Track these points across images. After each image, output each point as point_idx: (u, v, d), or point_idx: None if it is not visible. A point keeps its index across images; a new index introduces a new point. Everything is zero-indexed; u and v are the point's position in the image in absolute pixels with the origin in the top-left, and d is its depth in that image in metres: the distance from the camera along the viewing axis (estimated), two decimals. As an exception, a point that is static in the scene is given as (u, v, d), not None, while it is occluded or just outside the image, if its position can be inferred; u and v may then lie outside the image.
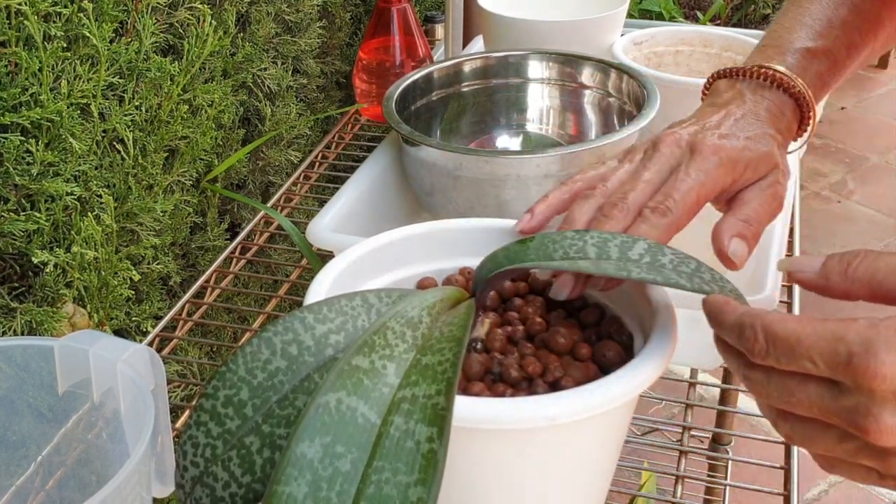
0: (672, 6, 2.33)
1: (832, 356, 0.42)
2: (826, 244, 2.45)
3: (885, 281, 0.44)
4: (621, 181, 0.60)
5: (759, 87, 0.65)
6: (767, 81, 0.65)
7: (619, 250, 0.52)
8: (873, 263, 0.45)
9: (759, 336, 0.44)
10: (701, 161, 0.59)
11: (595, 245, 0.53)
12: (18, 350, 0.60)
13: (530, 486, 0.51)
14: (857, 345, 0.42)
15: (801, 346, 0.43)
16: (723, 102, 0.65)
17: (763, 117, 0.63)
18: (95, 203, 0.81)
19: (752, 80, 0.65)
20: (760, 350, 0.44)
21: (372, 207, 0.91)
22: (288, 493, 0.41)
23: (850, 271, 0.45)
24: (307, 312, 0.50)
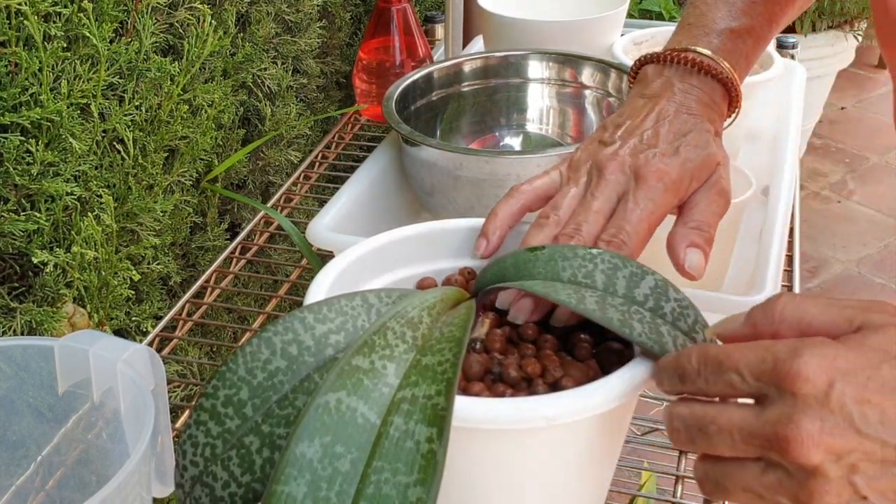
0: (672, 6, 2.33)
1: (758, 364, 0.42)
2: (826, 244, 2.45)
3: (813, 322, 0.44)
4: (572, 209, 0.61)
5: (687, 73, 0.65)
6: (695, 69, 0.65)
7: (627, 285, 0.52)
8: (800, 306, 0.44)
9: (693, 358, 0.45)
10: (647, 189, 0.59)
11: (604, 272, 0.52)
12: (18, 350, 0.60)
13: (530, 486, 0.51)
14: (784, 352, 0.42)
15: (729, 359, 0.43)
16: (652, 94, 0.65)
17: (695, 110, 0.63)
18: (95, 203, 0.81)
19: (679, 66, 0.65)
20: (692, 371, 0.44)
21: (372, 207, 0.91)
22: (287, 492, 0.41)
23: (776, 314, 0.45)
24: (307, 312, 0.50)
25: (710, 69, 0.64)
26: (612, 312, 0.49)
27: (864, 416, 0.40)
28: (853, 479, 0.40)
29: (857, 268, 2.36)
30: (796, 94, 1.09)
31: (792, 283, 0.89)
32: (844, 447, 0.40)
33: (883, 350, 0.41)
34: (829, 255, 2.42)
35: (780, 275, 0.77)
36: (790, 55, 1.26)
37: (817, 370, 0.41)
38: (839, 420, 0.40)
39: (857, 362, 0.41)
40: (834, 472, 0.40)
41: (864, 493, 0.40)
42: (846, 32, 2.65)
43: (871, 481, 0.40)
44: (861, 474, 0.40)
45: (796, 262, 0.92)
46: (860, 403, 0.40)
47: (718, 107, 0.65)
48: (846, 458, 0.40)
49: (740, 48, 0.67)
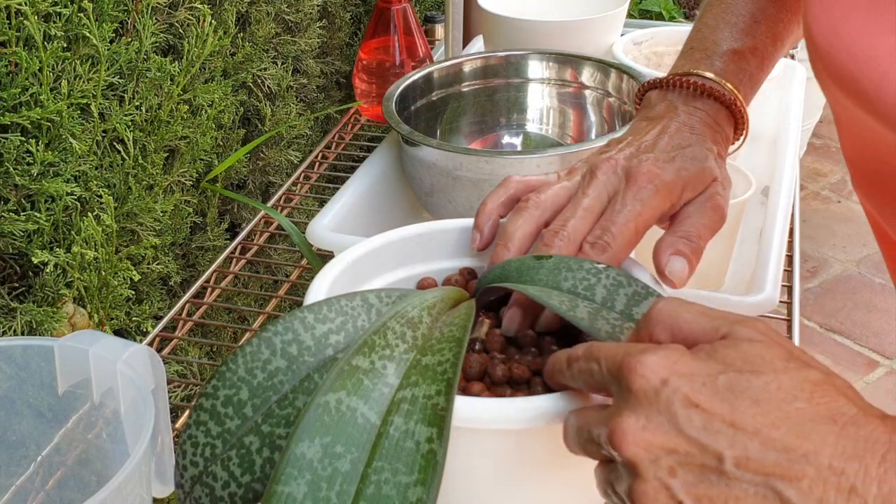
0: (672, 6, 2.33)
1: (612, 357, 0.43)
2: (826, 244, 2.45)
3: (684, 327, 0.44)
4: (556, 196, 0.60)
5: (691, 97, 0.64)
6: (698, 92, 0.64)
7: (627, 302, 0.52)
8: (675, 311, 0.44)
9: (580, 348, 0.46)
10: (637, 190, 0.58)
11: (606, 287, 0.52)
12: (18, 350, 0.60)
13: (530, 486, 0.51)
14: (635, 350, 0.42)
15: (598, 350, 0.44)
16: (655, 116, 0.64)
17: (698, 130, 0.62)
18: (95, 203, 0.81)
19: (682, 90, 0.65)
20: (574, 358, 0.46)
21: (372, 207, 0.91)
22: (287, 492, 0.41)
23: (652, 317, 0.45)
24: (307, 312, 0.50)
25: (713, 92, 0.64)
26: (602, 324, 0.49)
27: (689, 419, 0.40)
28: (670, 482, 0.39)
29: (856, 268, 2.36)
30: (796, 94, 1.09)
31: (792, 283, 0.89)
32: (664, 446, 0.40)
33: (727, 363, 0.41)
34: (829, 255, 2.42)
35: (780, 275, 0.77)
36: (790, 55, 1.26)
37: (654, 368, 0.41)
38: (663, 420, 0.40)
39: (696, 368, 0.41)
40: (651, 472, 0.40)
41: (679, 498, 0.39)
42: (846, 32, 2.64)
43: (689, 487, 0.39)
44: (678, 479, 0.39)
45: (796, 262, 0.92)
46: (687, 406, 0.40)
47: (723, 130, 0.64)
48: (665, 458, 0.40)
49: (744, 69, 0.66)
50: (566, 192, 0.60)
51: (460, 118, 1.02)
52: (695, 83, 0.64)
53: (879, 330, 2.14)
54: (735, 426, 0.39)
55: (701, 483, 0.39)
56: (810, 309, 2.20)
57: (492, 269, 0.57)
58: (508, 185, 0.63)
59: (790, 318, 0.84)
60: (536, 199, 0.60)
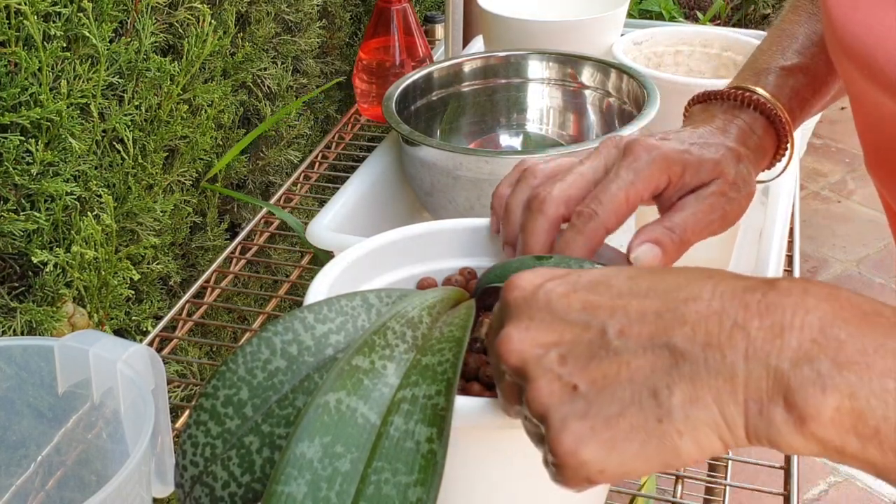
0: (672, 6, 2.33)
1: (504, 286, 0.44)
2: (826, 244, 2.45)
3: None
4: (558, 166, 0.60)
5: (732, 107, 0.64)
6: (738, 102, 0.63)
7: None
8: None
9: None
10: (632, 160, 0.57)
11: None
12: (18, 350, 0.60)
13: (531, 486, 0.51)
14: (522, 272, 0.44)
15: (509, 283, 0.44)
16: (692, 123, 0.64)
17: (730, 132, 0.61)
18: (95, 203, 0.81)
19: (724, 101, 0.64)
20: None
21: (372, 207, 0.91)
22: (287, 492, 0.41)
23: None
24: (307, 312, 0.50)
25: (755, 102, 0.63)
26: None
27: (569, 305, 0.40)
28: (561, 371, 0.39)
29: (857, 268, 2.36)
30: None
31: (792, 283, 0.89)
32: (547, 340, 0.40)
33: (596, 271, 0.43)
34: (829, 255, 2.42)
35: (780, 275, 0.77)
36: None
37: (529, 277, 0.43)
38: (543, 315, 0.41)
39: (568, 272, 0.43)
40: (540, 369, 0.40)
41: (574, 383, 0.39)
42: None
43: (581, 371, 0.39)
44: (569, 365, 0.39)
45: (796, 262, 0.92)
46: (566, 297, 0.41)
47: (759, 139, 0.63)
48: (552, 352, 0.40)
49: (789, 83, 0.65)
50: (569, 163, 0.60)
51: (460, 118, 1.02)
52: (736, 94, 0.63)
53: (879, 330, 2.14)
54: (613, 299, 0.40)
55: (591, 362, 0.39)
56: (810, 309, 2.20)
57: (491, 269, 0.57)
58: (521, 166, 0.62)
59: (790, 318, 0.84)
60: (534, 168, 0.60)
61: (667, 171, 0.57)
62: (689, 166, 0.58)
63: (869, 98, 0.54)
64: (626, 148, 0.58)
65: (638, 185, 0.56)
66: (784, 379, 0.35)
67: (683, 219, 0.57)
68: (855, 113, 0.58)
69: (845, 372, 0.35)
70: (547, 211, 0.56)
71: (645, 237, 0.56)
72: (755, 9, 2.79)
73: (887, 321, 0.36)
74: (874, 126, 0.57)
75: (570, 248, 0.55)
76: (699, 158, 0.58)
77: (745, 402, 0.36)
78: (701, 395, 0.37)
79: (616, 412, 0.38)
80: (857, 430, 0.35)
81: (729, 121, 0.63)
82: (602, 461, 0.38)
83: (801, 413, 0.35)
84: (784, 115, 0.63)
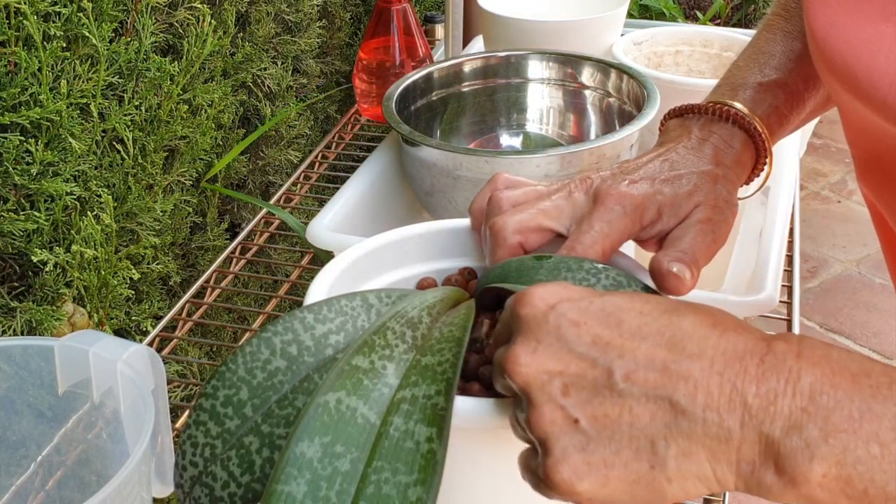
0: (672, 5, 2.33)
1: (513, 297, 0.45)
2: (826, 244, 2.45)
3: None
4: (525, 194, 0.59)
5: (708, 122, 0.63)
6: (716, 116, 0.63)
7: None
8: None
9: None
10: (603, 212, 0.57)
11: (605, 287, 0.52)
12: (18, 350, 0.60)
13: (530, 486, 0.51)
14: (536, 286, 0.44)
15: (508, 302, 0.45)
16: (667, 140, 0.63)
17: (704, 152, 0.61)
18: (95, 203, 0.81)
19: (701, 116, 0.63)
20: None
21: (372, 207, 0.91)
22: (287, 492, 0.41)
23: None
24: (307, 312, 0.50)
25: (730, 115, 0.62)
26: None
27: (578, 336, 0.41)
28: (564, 402, 0.41)
29: (857, 268, 2.36)
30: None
31: (792, 283, 0.89)
32: (555, 368, 0.41)
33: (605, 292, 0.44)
34: (829, 255, 2.42)
35: (780, 275, 0.77)
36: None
37: (542, 295, 0.43)
38: (553, 341, 0.41)
39: (582, 293, 0.43)
40: (545, 395, 0.41)
41: (575, 416, 0.40)
42: (846, 32, 2.64)
43: (583, 405, 0.40)
44: (572, 398, 0.41)
45: (796, 262, 0.92)
46: (576, 325, 0.41)
47: (737, 153, 0.62)
48: (557, 379, 0.41)
49: (767, 99, 0.64)
50: (535, 194, 0.59)
51: (460, 118, 1.02)
52: (713, 108, 0.63)
53: (879, 330, 2.14)
54: (622, 337, 0.41)
55: (594, 399, 0.40)
56: (810, 309, 2.20)
57: (491, 270, 0.57)
58: (494, 183, 0.62)
59: (790, 318, 0.85)
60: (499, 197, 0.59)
61: (639, 220, 0.57)
62: (665, 207, 0.58)
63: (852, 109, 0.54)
64: (595, 196, 0.58)
65: (612, 236, 0.57)
66: (775, 446, 0.38)
67: (688, 244, 0.57)
68: (844, 125, 0.59)
69: (831, 440, 0.37)
70: (505, 241, 0.57)
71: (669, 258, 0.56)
72: (755, 9, 2.80)
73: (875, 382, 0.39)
74: (860, 137, 0.57)
75: None
76: (672, 197, 0.58)
77: (737, 462, 0.39)
78: (695, 452, 0.39)
79: (613, 452, 0.40)
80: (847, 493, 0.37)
81: (705, 138, 0.62)
82: (592, 493, 0.40)
83: (791, 478, 0.38)
84: (763, 129, 0.63)
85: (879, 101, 0.49)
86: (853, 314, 2.19)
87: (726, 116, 0.63)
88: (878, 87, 0.48)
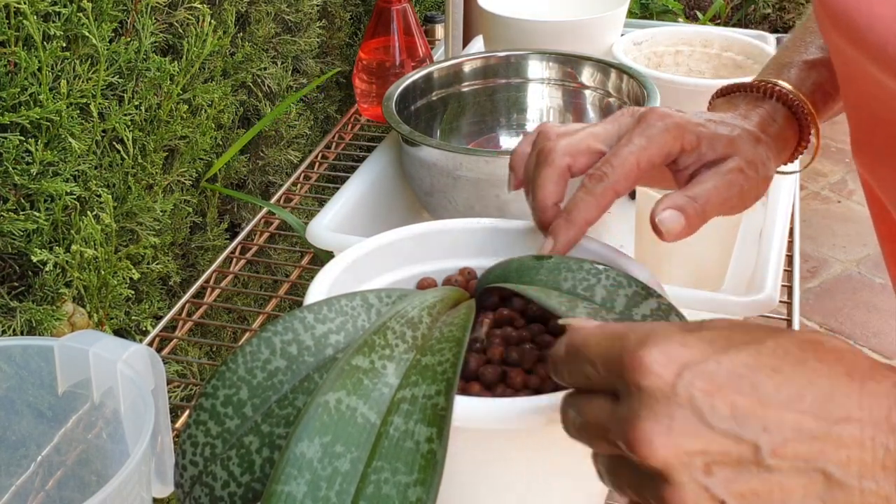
0: (674, 3, 2.33)
1: (608, 354, 0.40)
2: (826, 244, 2.45)
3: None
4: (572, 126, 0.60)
5: (755, 98, 0.64)
6: (760, 93, 0.64)
7: (627, 303, 0.51)
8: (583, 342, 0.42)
9: (562, 346, 0.42)
10: (645, 127, 0.57)
11: (605, 287, 0.52)
12: (18, 350, 0.60)
13: (530, 486, 0.51)
14: (634, 341, 0.39)
15: (586, 348, 0.41)
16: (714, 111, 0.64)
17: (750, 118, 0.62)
18: (95, 203, 0.81)
19: (747, 93, 0.65)
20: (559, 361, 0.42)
21: (372, 207, 0.91)
22: (287, 491, 0.41)
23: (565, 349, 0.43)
24: (307, 312, 0.50)
25: (776, 92, 0.63)
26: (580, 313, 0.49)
27: (714, 409, 0.37)
28: (707, 482, 0.37)
29: (856, 268, 2.36)
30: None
31: (792, 283, 0.89)
32: (695, 446, 0.37)
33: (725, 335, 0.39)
34: (829, 255, 2.42)
35: (780, 275, 0.77)
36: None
37: (663, 360, 0.38)
38: (688, 415, 0.37)
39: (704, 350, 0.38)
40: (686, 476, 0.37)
41: (721, 498, 0.37)
42: (846, 32, 2.64)
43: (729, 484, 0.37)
44: (716, 477, 0.37)
45: (796, 262, 0.92)
46: (710, 395, 0.37)
47: (779, 127, 0.63)
48: (699, 458, 0.37)
49: (812, 77, 0.65)
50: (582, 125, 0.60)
51: (460, 118, 1.02)
52: (759, 86, 0.64)
53: (879, 330, 2.14)
54: (763, 406, 0.37)
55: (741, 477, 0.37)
56: (810, 309, 2.20)
57: (492, 269, 0.57)
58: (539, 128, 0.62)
59: (790, 318, 0.84)
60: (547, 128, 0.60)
61: (680, 138, 0.57)
62: (704, 138, 0.58)
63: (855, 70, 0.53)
64: (640, 116, 0.58)
65: (650, 149, 0.56)
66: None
67: (705, 190, 0.57)
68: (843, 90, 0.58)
69: None
70: (553, 161, 0.57)
71: (668, 204, 0.56)
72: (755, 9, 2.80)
73: None
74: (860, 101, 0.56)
75: (580, 208, 0.56)
76: (714, 132, 0.58)
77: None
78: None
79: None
80: None
81: (750, 109, 0.63)
82: None
83: None
84: (807, 105, 0.64)
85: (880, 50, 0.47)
86: (853, 314, 2.19)
87: (770, 93, 0.64)
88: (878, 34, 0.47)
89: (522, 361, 0.53)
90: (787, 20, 2.77)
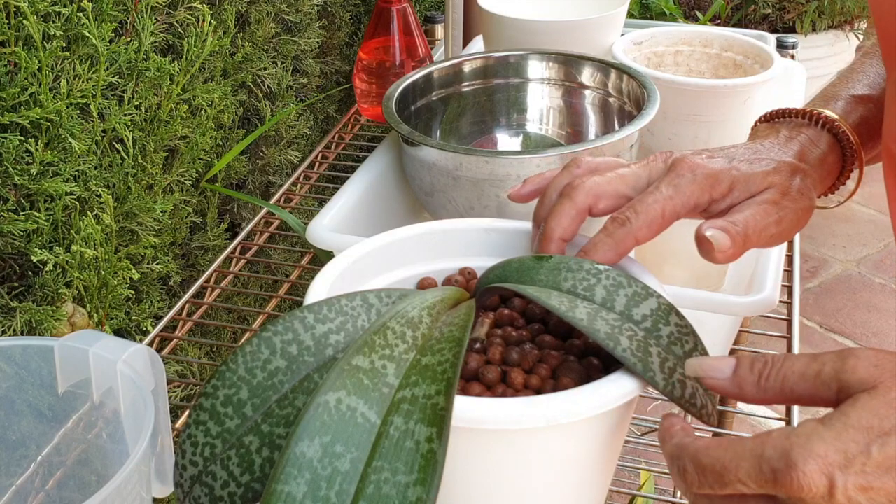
0: (672, 6, 2.33)
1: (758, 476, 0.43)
2: (826, 244, 2.45)
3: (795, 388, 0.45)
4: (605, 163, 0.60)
5: (797, 125, 0.64)
6: (805, 119, 0.64)
7: (627, 303, 0.51)
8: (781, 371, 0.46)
9: (689, 468, 0.45)
10: (674, 177, 0.57)
11: (605, 288, 0.52)
12: (18, 350, 0.60)
13: (530, 486, 0.51)
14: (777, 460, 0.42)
15: (727, 472, 0.44)
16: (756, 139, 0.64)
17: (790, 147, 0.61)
18: (95, 203, 0.81)
19: (791, 118, 0.64)
20: (693, 482, 0.45)
21: (372, 207, 0.91)
22: (287, 491, 0.41)
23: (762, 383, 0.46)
24: (307, 312, 0.50)
25: (816, 117, 0.63)
26: (601, 325, 0.49)
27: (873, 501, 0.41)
28: None
29: (857, 268, 2.36)
30: (796, 95, 1.09)
31: (792, 283, 0.89)
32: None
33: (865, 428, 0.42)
34: (829, 255, 2.42)
35: (780, 275, 0.77)
36: (790, 55, 1.26)
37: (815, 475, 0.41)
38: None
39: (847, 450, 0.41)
40: None
41: None
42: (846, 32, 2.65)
43: None
44: None
45: (796, 262, 0.92)
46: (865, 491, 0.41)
47: (822, 153, 0.62)
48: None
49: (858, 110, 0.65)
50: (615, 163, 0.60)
51: (460, 118, 1.02)
52: (804, 112, 0.64)
53: (879, 330, 2.14)
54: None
55: None
56: (810, 309, 2.20)
57: (492, 269, 0.57)
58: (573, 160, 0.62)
59: (790, 318, 0.85)
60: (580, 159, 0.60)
61: (709, 189, 0.57)
62: (738, 182, 0.58)
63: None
64: (672, 164, 0.58)
65: (676, 200, 0.57)
66: None
67: (744, 218, 0.57)
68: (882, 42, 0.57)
69: None
70: (575, 198, 0.57)
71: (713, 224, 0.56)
72: (755, 9, 2.80)
73: None
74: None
75: (597, 250, 0.56)
76: (749, 173, 0.58)
77: None
78: None
79: None
80: None
81: (792, 137, 0.63)
82: None
83: None
84: (852, 135, 0.63)
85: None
86: (853, 314, 2.19)
87: (816, 120, 0.63)
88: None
89: (523, 361, 0.53)
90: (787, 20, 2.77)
